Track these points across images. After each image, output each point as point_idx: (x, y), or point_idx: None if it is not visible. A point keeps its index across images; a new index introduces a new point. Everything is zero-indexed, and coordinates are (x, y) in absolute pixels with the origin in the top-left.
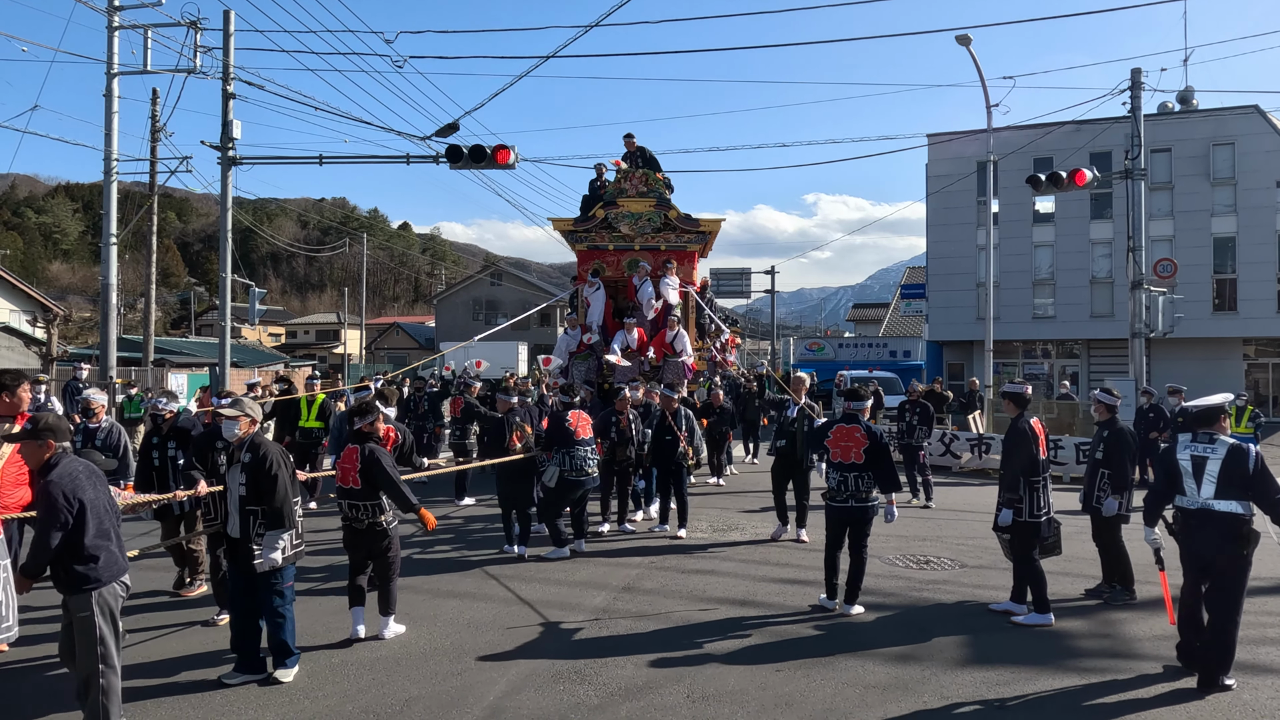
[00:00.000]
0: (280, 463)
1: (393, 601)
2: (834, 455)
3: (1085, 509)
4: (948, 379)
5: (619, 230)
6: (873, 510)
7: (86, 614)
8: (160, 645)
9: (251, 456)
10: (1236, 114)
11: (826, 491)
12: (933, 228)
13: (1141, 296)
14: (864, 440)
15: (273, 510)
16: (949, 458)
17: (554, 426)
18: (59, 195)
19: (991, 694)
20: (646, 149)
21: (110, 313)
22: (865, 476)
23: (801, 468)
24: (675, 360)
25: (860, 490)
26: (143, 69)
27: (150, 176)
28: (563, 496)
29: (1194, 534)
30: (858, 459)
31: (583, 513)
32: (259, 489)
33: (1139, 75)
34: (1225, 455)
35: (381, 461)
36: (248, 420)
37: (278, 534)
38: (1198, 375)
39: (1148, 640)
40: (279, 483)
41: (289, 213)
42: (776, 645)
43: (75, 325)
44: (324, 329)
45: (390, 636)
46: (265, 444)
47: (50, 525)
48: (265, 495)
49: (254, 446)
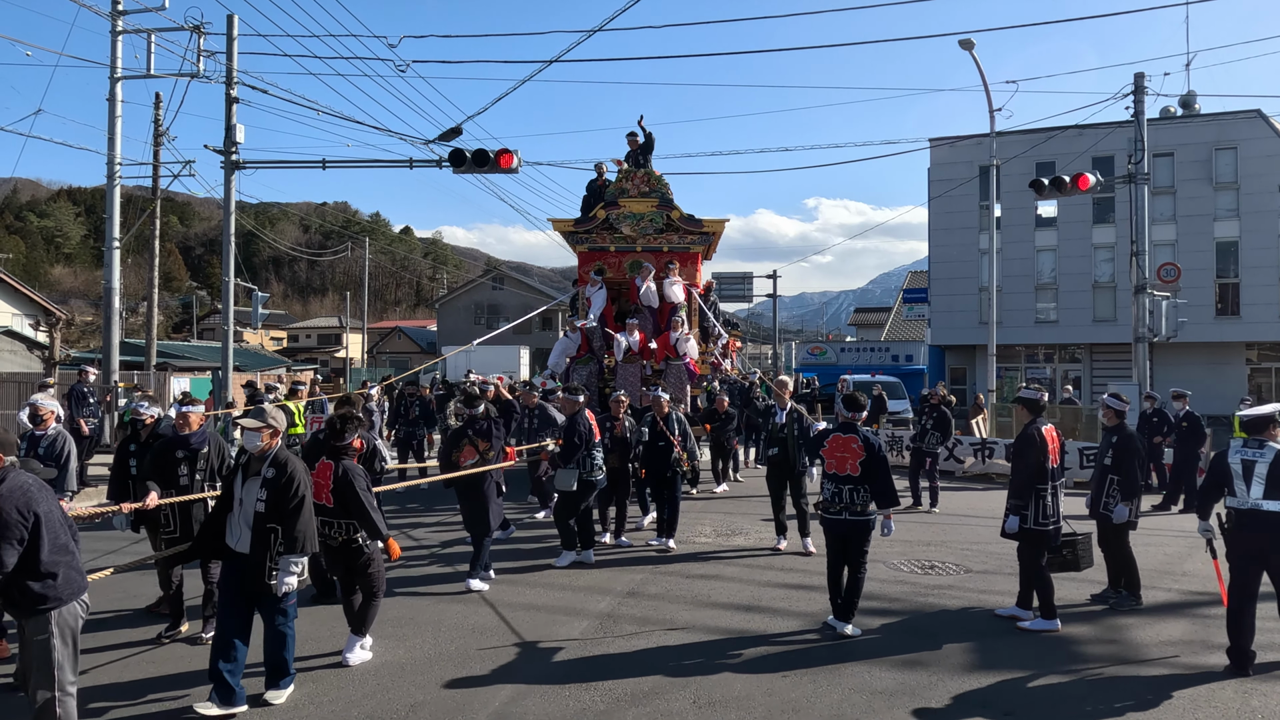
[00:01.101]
0: (307, 483)
1: (368, 622)
2: (829, 466)
3: (1092, 514)
4: (950, 383)
5: (621, 231)
6: (869, 524)
7: (44, 637)
8: (131, 665)
9: (276, 473)
10: (1239, 118)
11: (820, 502)
12: (935, 232)
13: (1145, 301)
14: (860, 452)
15: (294, 534)
16: (953, 462)
17: (575, 430)
18: (61, 199)
19: (998, 699)
20: (651, 134)
21: (113, 316)
22: (861, 489)
23: (795, 473)
24: (677, 364)
25: (855, 503)
26: (146, 73)
27: (153, 180)
28: (582, 498)
29: (1245, 532)
30: (853, 471)
31: (589, 521)
32: (281, 509)
33: (1142, 80)
34: (1273, 459)
35: (355, 483)
36: (269, 431)
37: (298, 558)
38: (1201, 380)
39: (1154, 645)
40: (305, 505)
41: (291, 217)
42: (783, 651)
43: (77, 329)
44: (326, 333)
45: (355, 663)
46: (291, 461)
47: (4, 542)
48: (288, 516)
49: (279, 464)
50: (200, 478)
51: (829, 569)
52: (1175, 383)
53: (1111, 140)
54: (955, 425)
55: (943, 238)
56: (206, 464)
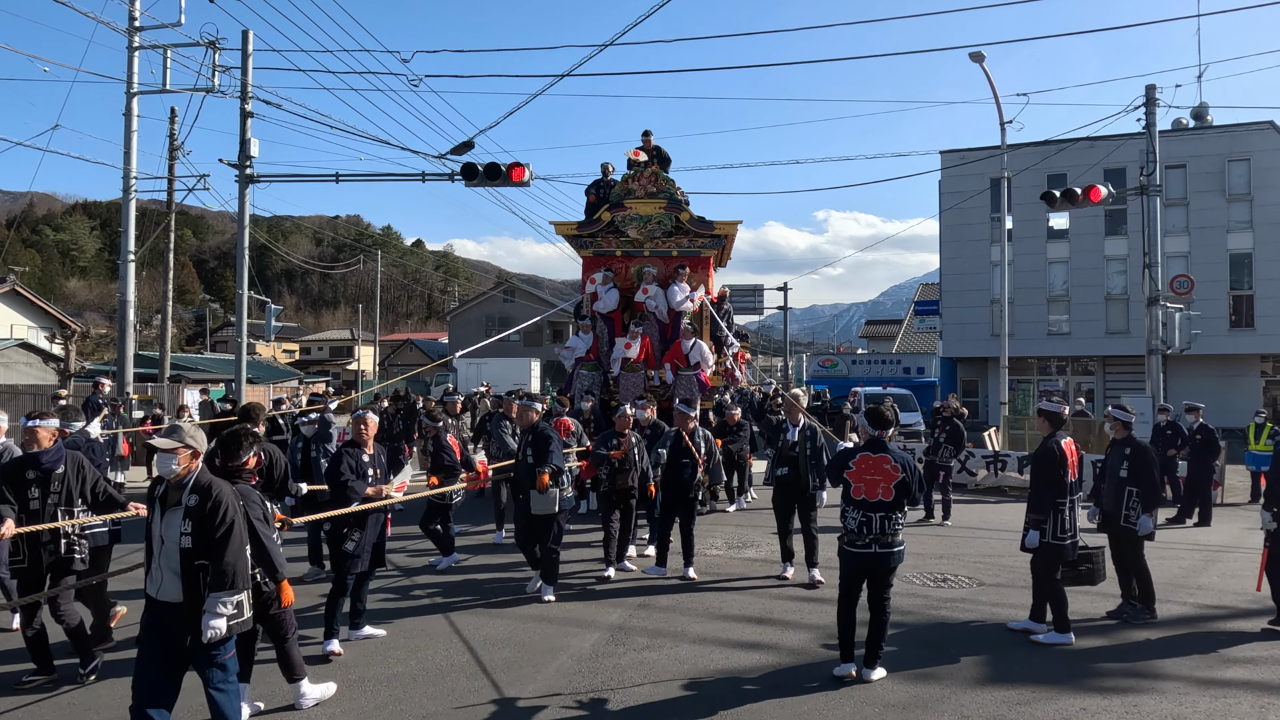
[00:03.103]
0: (235, 507)
1: (296, 664)
2: (857, 491)
3: (1103, 527)
4: (962, 396)
5: (627, 234)
6: (899, 558)
7: None
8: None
9: (199, 499)
10: (1252, 130)
11: (844, 535)
12: (947, 244)
13: (1158, 313)
14: (895, 473)
15: (222, 566)
16: (965, 475)
17: (549, 442)
18: (77, 213)
19: (1011, 713)
20: (663, 149)
21: (127, 329)
22: (893, 517)
23: (806, 497)
24: (688, 374)
25: (886, 533)
26: (162, 88)
27: (168, 194)
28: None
29: None
30: (885, 495)
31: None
32: (209, 539)
33: (1153, 91)
34: None
35: (250, 511)
36: (188, 453)
37: (226, 596)
38: (1215, 392)
39: (1170, 660)
40: (234, 533)
41: (304, 230)
42: (796, 663)
43: (92, 342)
44: (338, 345)
45: (310, 704)
46: (216, 484)
47: None
48: (215, 546)
49: (202, 488)
50: (54, 502)
51: (841, 607)
52: (1189, 395)
53: (1123, 152)
54: (968, 438)
55: (954, 250)
56: (62, 485)
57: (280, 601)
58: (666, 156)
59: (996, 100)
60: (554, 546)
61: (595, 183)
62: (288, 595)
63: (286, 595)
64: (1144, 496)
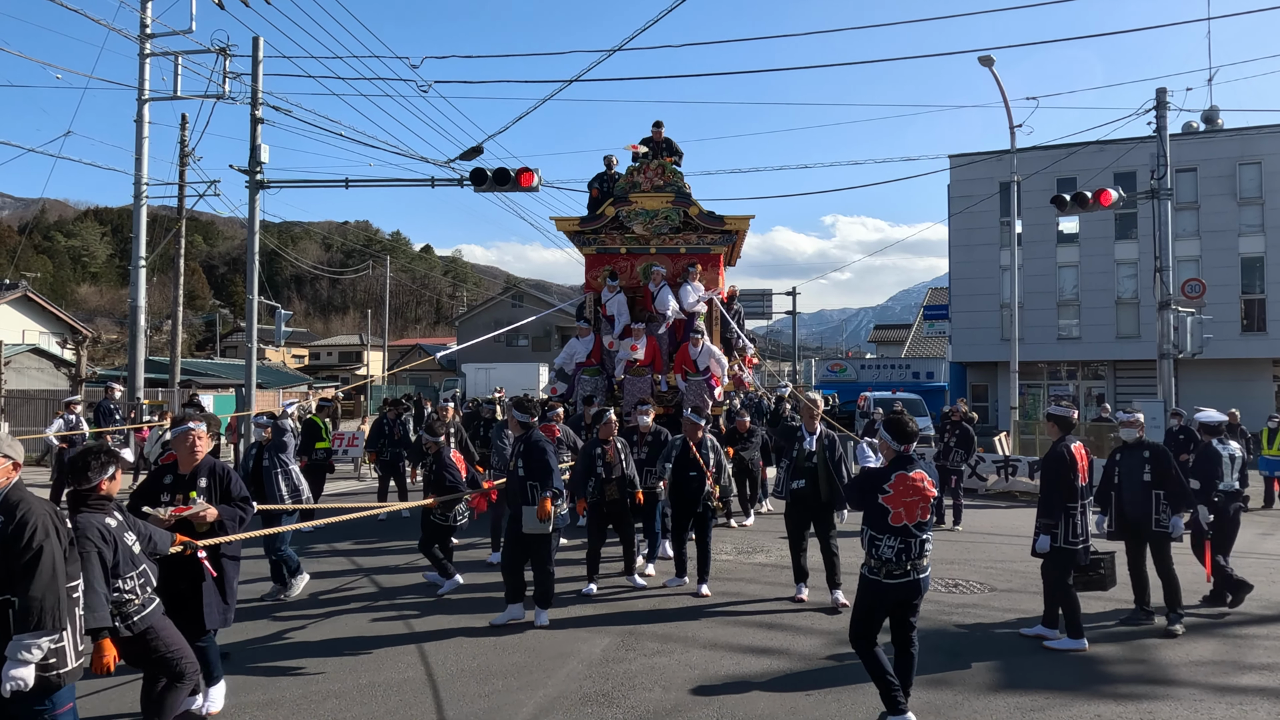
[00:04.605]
0: (47, 529)
1: (166, 711)
2: (896, 519)
3: (1125, 535)
4: (971, 400)
5: (632, 230)
6: (928, 582)
7: None
8: None
9: (3, 520)
10: (1263, 133)
11: (875, 565)
12: (955, 249)
13: (1169, 317)
14: (933, 490)
15: (28, 602)
16: (975, 479)
17: (544, 454)
18: (88, 219)
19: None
20: (674, 142)
21: (138, 334)
22: (928, 536)
23: (826, 513)
24: (697, 379)
25: (921, 556)
26: (173, 95)
27: (179, 200)
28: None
29: None
30: (924, 515)
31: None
32: (11, 568)
33: (1164, 95)
34: None
35: (80, 544)
36: (9, 465)
37: (32, 639)
38: (1227, 396)
39: (1184, 666)
40: (43, 561)
41: (313, 236)
42: (806, 669)
43: (103, 347)
44: (347, 350)
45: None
46: (26, 501)
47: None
48: (19, 578)
49: (8, 506)
50: None
51: (862, 645)
52: (1201, 399)
53: (1133, 156)
54: (978, 443)
55: (963, 254)
56: None
57: (100, 659)
58: (678, 149)
59: (1006, 104)
60: (548, 568)
61: (599, 175)
62: (104, 655)
63: (102, 656)
64: (1172, 498)
